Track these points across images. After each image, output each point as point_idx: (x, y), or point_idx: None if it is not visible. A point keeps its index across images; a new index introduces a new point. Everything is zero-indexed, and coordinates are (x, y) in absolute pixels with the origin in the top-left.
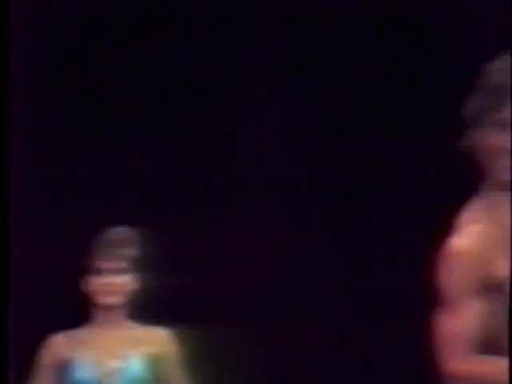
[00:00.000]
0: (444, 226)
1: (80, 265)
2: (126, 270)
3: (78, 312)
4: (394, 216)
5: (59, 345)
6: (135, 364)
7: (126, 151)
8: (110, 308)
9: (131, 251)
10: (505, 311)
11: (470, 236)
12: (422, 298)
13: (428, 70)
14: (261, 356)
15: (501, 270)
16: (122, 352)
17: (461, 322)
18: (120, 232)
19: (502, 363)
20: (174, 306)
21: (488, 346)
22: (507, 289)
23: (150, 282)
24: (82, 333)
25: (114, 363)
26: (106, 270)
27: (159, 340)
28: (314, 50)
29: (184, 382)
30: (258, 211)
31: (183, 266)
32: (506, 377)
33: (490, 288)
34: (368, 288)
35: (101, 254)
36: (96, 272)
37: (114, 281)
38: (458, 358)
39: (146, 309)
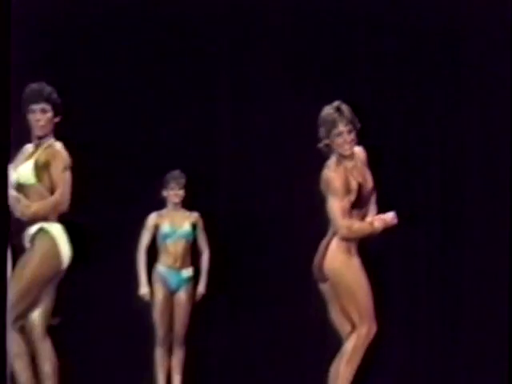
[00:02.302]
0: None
1: None
2: None
3: None
4: None
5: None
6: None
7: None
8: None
9: None
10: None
11: (336, 170)
12: None
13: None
14: None
15: (354, 185)
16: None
17: (340, 204)
18: None
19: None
20: None
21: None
22: (358, 193)
23: None
24: None
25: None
26: None
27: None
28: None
29: None
30: None
31: None
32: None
33: (350, 192)
34: None
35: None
36: None
37: None
38: (346, 220)
39: None
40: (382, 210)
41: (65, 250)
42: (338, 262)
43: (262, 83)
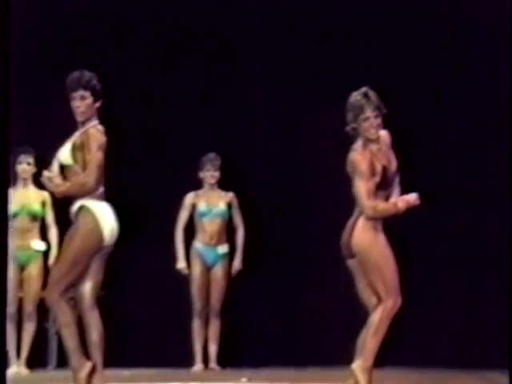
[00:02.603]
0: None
1: None
2: None
3: None
4: None
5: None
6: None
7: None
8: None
9: None
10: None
11: (362, 153)
12: None
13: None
14: None
15: (379, 168)
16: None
17: (366, 186)
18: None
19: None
20: None
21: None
22: (383, 175)
23: None
24: None
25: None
26: None
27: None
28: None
29: None
30: None
31: None
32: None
33: (375, 174)
34: None
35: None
36: None
37: None
38: (371, 201)
39: None
40: (405, 191)
41: (107, 227)
42: (365, 240)
43: (294, 69)
